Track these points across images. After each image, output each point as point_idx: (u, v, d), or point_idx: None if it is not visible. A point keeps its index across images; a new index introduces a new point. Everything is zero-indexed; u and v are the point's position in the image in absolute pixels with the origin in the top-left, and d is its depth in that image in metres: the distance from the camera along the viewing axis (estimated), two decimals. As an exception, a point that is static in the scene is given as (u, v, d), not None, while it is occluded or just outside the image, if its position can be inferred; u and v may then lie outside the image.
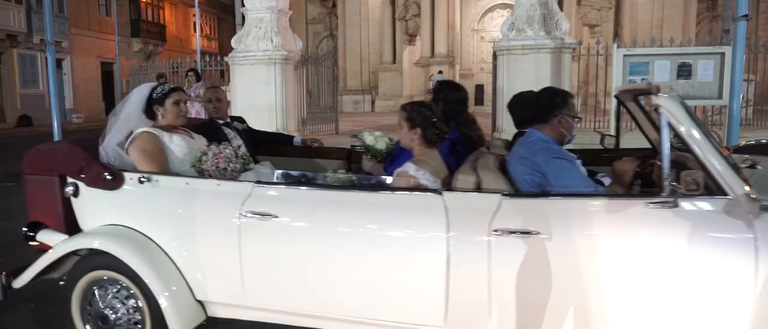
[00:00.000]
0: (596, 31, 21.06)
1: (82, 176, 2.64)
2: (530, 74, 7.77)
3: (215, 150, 2.68)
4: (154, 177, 2.57)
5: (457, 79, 22.29)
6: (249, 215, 2.37)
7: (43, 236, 2.73)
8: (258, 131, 3.94)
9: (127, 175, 2.60)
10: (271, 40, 9.24)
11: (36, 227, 2.73)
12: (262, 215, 2.35)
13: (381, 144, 3.10)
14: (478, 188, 2.23)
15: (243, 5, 9.82)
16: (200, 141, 2.94)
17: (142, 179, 2.57)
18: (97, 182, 2.62)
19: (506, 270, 2.08)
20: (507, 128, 8.04)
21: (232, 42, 9.71)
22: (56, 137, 8.36)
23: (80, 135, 10.00)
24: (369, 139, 3.12)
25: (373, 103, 24.83)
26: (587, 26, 20.93)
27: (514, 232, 2.07)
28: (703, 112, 10.43)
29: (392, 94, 23.92)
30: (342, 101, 20.77)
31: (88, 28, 26.44)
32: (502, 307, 2.10)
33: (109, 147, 2.77)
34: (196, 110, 10.20)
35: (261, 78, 9.24)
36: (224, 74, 12.43)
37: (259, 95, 9.29)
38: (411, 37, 23.58)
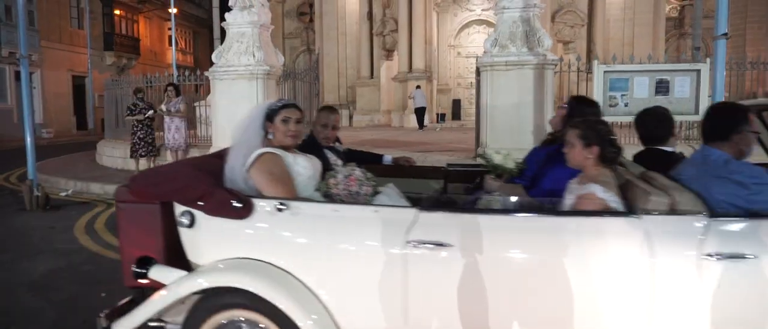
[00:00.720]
0: (570, 48, 21.54)
1: (200, 203, 2.31)
2: (514, 90, 7.87)
3: (344, 172, 2.47)
4: (294, 204, 2.26)
5: (434, 95, 22.51)
6: (417, 244, 2.11)
7: (157, 273, 2.37)
8: (354, 150, 3.75)
9: (257, 202, 2.29)
10: (253, 55, 9.16)
11: (146, 262, 2.38)
12: (434, 244, 2.10)
13: (510, 163, 2.92)
14: (673, 210, 2.03)
15: (223, 19, 9.73)
16: (316, 162, 2.69)
17: (281, 207, 2.25)
18: (221, 211, 2.29)
19: (725, 298, 1.92)
20: (491, 142, 8.10)
21: (213, 56, 9.60)
22: (30, 153, 8.11)
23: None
24: (498, 158, 2.93)
25: (350, 118, 24.82)
26: (561, 43, 21.37)
27: (730, 256, 1.92)
28: (678, 127, 10.70)
29: (370, 109, 23.99)
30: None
31: (59, 41, 25.90)
32: None
33: (236, 170, 2.45)
34: (176, 126, 10.07)
35: (242, 93, 9.13)
36: (199, 89, 12.25)
37: (241, 110, 9.06)
38: (388, 53, 23.74)
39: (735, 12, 24.77)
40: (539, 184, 2.73)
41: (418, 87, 19.90)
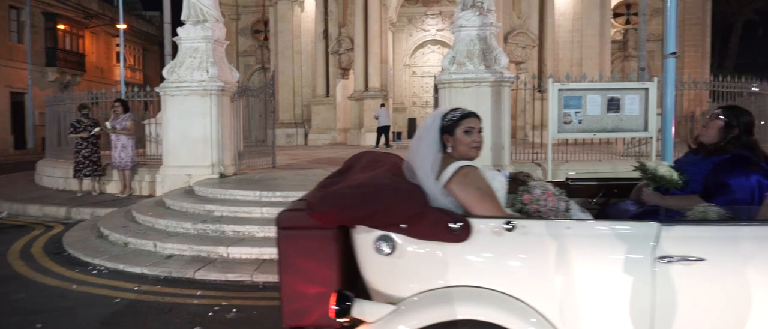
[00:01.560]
0: (522, 68, 22.12)
1: (405, 226, 2.04)
2: (471, 107, 7.82)
3: (540, 186, 2.32)
4: (522, 223, 2.06)
5: (390, 113, 22.60)
6: (666, 259, 1.99)
7: (363, 309, 2.05)
8: None
9: (475, 222, 2.06)
10: (207, 71, 8.89)
11: (346, 298, 2.03)
12: (686, 258, 1.99)
13: (674, 174, 2.80)
14: None
15: (175, 34, 9.43)
16: (501, 177, 2.48)
17: (509, 227, 2.04)
18: (435, 234, 2.03)
19: None
20: (450, 160, 8.09)
21: (164, 72, 9.26)
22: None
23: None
24: (662, 169, 2.81)
25: (306, 136, 24.61)
26: (514, 63, 21.91)
27: None
28: (625, 143, 11.05)
29: (326, 127, 23.84)
30: (275, 134, 20.40)
31: (-4, 55, 24.60)
32: None
33: (429, 186, 2.18)
34: (123, 144, 9.59)
35: (195, 110, 8.83)
36: (148, 106, 11.81)
37: (193, 127, 8.86)
38: (344, 71, 23.73)
39: (674, 36, 26.20)
40: (719, 194, 2.64)
41: (382, 105, 19.96)
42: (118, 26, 22.48)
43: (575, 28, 23.65)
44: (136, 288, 4.95)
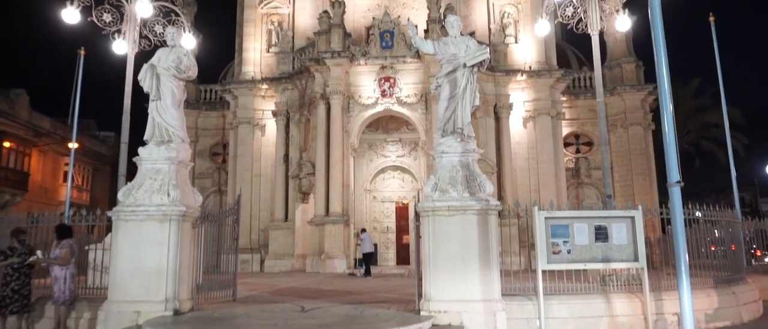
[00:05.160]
0: (483, 194, 22.27)
1: None
2: (456, 235, 7.45)
3: None
4: None
5: (351, 239, 21.91)
6: None
7: None
8: None
9: None
10: (168, 194, 8.18)
11: None
12: None
13: None
14: None
15: (133, 155, 8.81)
16: None
17: None
18: None
19: None
20: (435, 293, 7.43)
21: (120, 195, 8.47)
22: None
23: None
24: None
25: (262, 262, 23.40)
26: (474, 189, 22.09)
27: None
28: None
29: (283, 253, 22.83)
30: (228, 260, 19.15)
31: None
32: None
33: None
34: (55, 275, 8.40)
35: (151, 237, 7.97)
36: (94, 230, 10.78)
37: (148, 256, 7.94)
38: (304, 196, 23.27)
39: (622, 164, 27.46)
40: None
41: (363, 230, 19.53)
42: (69, 145, 21.62)
43: (530, 155, 24.44)
44: None
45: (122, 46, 13.03)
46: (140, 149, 8.60)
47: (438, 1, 22.27)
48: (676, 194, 5.14)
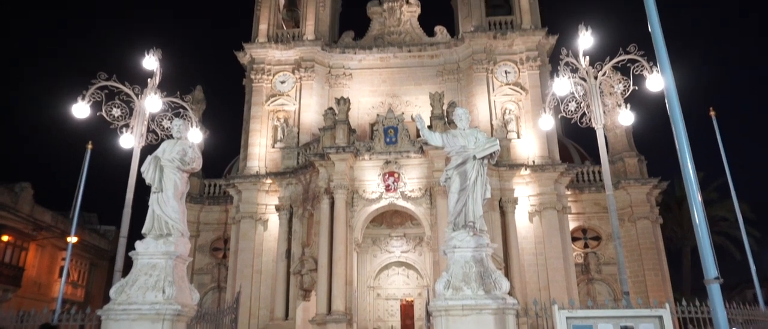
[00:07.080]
0: (491, 291, 21.46)
1: None
2: (472, 337, 6.90)
3: None
4: None
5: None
6: None
7: None
8: None
9: None
10: (163, 291, 7.73)
11: None
12: None
13: None
14: None
15: (131, 249, 8.45)
16: None
17: None
18: None
19: None
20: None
21: (112, 292, 8.02)
22: None
23: None
24: None
25: (260, 364, 22.12)
26: (483, 286, 21.33)
27: None
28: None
29: (283, 354, 21.61)
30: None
31: None
32: None
33: None
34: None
35: (142, 338, 7.43)
36: (84, 329, 10.19)
37: (137, 359, 7.36)
38: (306, 293, 22.46)
39: (632, 259, 26.68)
40: None
41: None
42: (68, 240, 21.16)
43: (538, 250, 23.83)
44: None
45: (129, 140, 13.05)
46: (137, 243, 8.27)
47: (441, 98, 22.78)
48: (715, 291, 4.73)
